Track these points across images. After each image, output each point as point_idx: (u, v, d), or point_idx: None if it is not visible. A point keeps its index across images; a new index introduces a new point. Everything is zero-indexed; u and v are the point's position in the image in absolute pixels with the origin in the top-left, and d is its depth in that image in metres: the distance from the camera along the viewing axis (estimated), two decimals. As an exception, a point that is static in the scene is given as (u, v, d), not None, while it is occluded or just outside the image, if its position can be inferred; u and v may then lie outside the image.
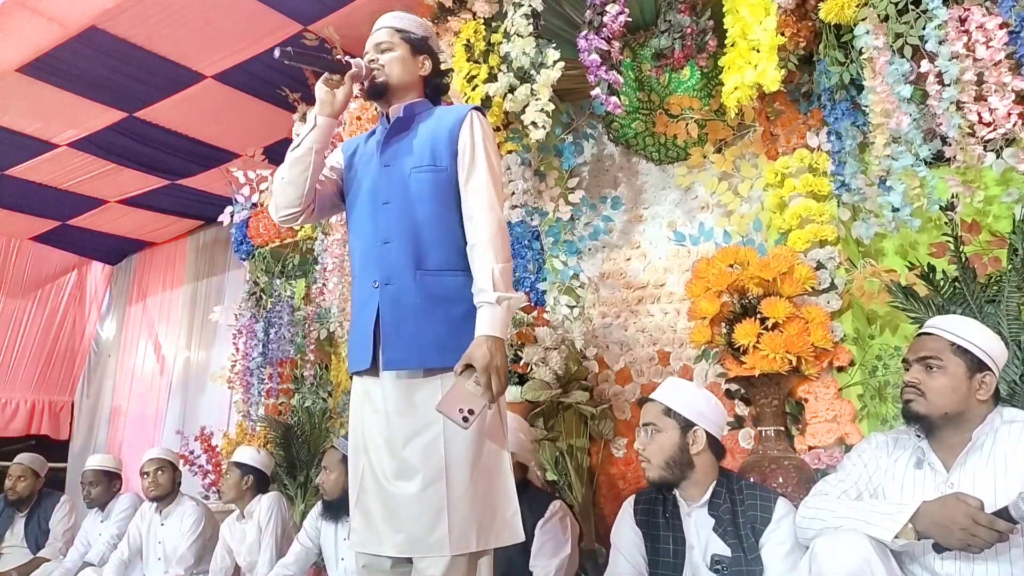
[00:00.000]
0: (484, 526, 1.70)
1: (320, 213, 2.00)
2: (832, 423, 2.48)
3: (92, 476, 3.95)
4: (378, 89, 1.91)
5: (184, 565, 3.43)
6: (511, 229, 3.29)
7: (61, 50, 3.55)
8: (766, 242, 2.87)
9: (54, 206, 5.39)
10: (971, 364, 1.72)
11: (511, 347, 2.95)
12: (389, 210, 1.84)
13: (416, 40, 1.94)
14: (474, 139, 1.83)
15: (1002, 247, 2.30)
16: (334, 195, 2.02)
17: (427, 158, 1.84)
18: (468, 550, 1.67)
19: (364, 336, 1.81)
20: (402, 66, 1.91)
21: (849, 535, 1.62)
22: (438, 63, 2.00)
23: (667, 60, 2.70)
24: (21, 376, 6.43)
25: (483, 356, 1.62)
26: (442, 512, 1.66)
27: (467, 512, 1.68)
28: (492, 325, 1.67)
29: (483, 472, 1.72)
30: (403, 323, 1.77)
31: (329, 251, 3.70)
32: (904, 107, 2.27)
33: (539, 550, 2.37)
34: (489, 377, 1.62)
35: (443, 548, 1.65)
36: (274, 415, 3.99)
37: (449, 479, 1.68)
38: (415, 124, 1.90)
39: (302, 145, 1.87)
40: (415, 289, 1.78)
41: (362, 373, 1.85)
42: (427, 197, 1.82)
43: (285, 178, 1.90)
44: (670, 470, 2.02)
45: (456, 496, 1.68)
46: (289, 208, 1.92)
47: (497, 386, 1.63)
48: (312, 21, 3.47)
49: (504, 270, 1.72)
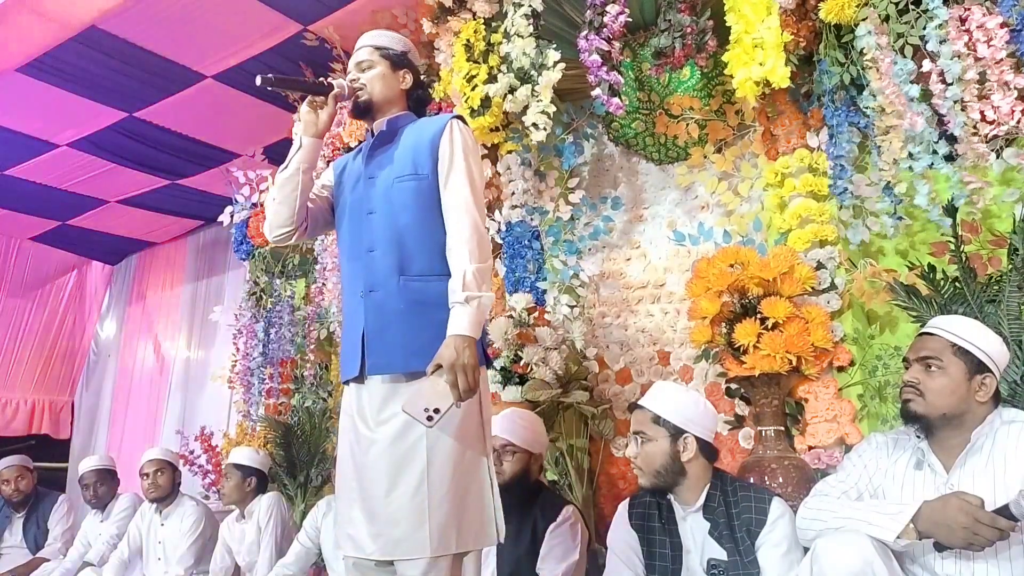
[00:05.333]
0: (464, 528, 1.71)
1: (313, 231, 2.06)
2: (832, 423, 2.48)
3: (95, 476, 3.95)
4: (362, 107, 1.97)
5: (184, 565, 3.43)
6: (511, 229, 3.29)
7: (61, 50, 3.55)
8: (766, 242, 2.87)
9: (54, 206, 5.39)
10: (971, 365, 1.72)
11: (511, 347, 2.95)
12: (373, 220, 1.88)
13: (395, 55, 1.99)
14: (453, 145, 1.86)
15: (1002, 247, 2.30)
16: (327, 212, 2.07)
17: (409, 167, 1.88)
18: (448, 552, 1.68)
19: (353, 345, 1.85)
20: (383, 82, 1.96)
21: (850, 536, 1.62)
22: (419, 76, 2.06)
23: (667, 59, 2.70)
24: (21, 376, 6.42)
25: (450, 355, 1.64)
26: (423, 514, 1.68)
27: (447, 514, 1.69)
28: (461, 324, 1.68)
29: (463, 475, 1.74)
30: (387, 329, 1.80)
31: (328, 251, 3.71)
32: (914, 106, 2.27)
33: (548, 553, 2.37)
34: (456, 376, 1.62)
35: (424, 550, 1.66)
36: (274, 415, 3.99)
37: (430, 482, 1.69)
38: (398, 136, 1.95)
39: (289, 166, 1.94)
40: (399, 295, 1.81)
41: (351, 381, 1.87)
42: (410, 205, 1.85)
43: (276, 199, 1.96)
44: (662, 477, 2.01)
45: (437, 498, 1.69)
46: (282, 228, 1.97)
47: (464, 384, 1.63)
48: (312, 21, 3.47)
49: (479, 271, 1.74)
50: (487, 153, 3.27)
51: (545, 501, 2.50)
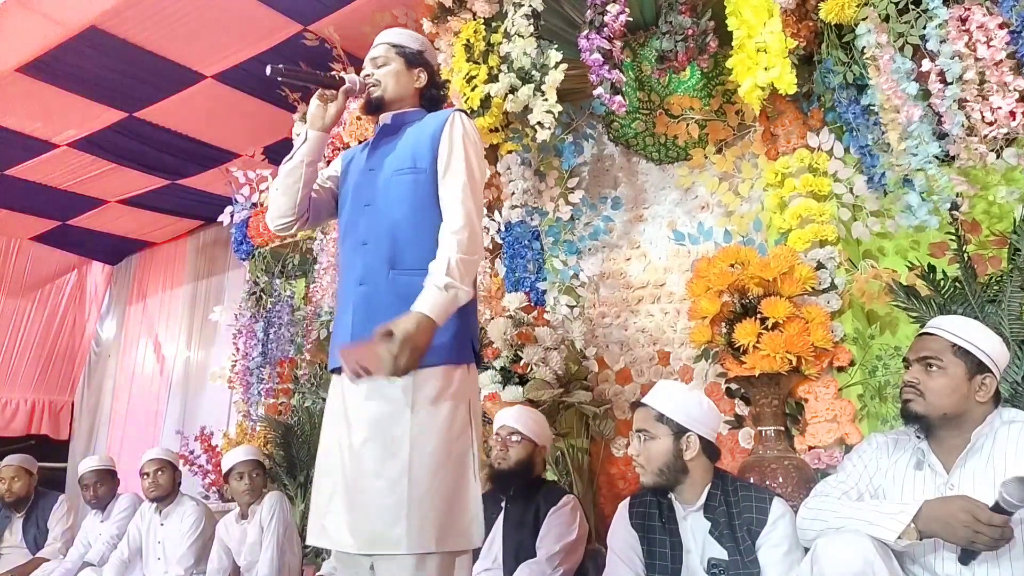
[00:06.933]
0: (445, 527, 1.68)
1: (315, 221, 2.06)
2: (832, 423, 2.48)
3: (95, 476, 3.94)
4: (374, 103, 1.95)
5: (184, 565, 3.43)
6: (511, 229, 3.29)
7: (61, 50, 3.55)
8: (766, 242, 2.87)
9: (54, 206, 5.39)
10: (971, 365, 1.72)
11: (511, 347, 2.95)
12: (369, 212, 1.88)
13: (411, 54, 1.97)
14: (453, 138, 1.85)
15: (1003, 247, 2.30)
16: (330, 202, 2.07)
17: (408, 160, 1.87)
18: (426, 550, 1.65)
19: (341, 336, 1.84)
20: (396, 79, 1.95)
21: (851, 536, 1.62)
22: (435, 75, 2.04)
23: (669, 63, 2.70)
24: (21, 376, 6.43)
25: (405, 329, 1.58)
26: (401, 509, 1.65)
27: (427, 512, 1.67)
28: (430, 306, 1.63)
29: (447, 473, 1.71)
30: (374, 322, 1.74)
31: (326, 250, 3.71)
32: (912, 102, 2.27)
33: (546, 533, 2.41)
34: (401, 352, 1.57)
35: (400, 546, 1.64)
36: (274, 415, 3.99)
37: (411, 477, 1.67)
38: (403, 130, 1.94)
39: (294, 158, 1.95)
40: (387, 289, 1.79)
41: (338, 371, 1.86)
42: (405, 199, 1.84)
43: (278, 188, 1.97)
44: (664, 476, 2.01)
45: (417, 494, 1.66)
46: (283, 217, 1.98)
47: (405, 362, 1.58)
48: (312, 21, 3.47)
49: (464, 261, 1.70)
50: (487, 153, 3.27)
51: (548, 491, 2.54)
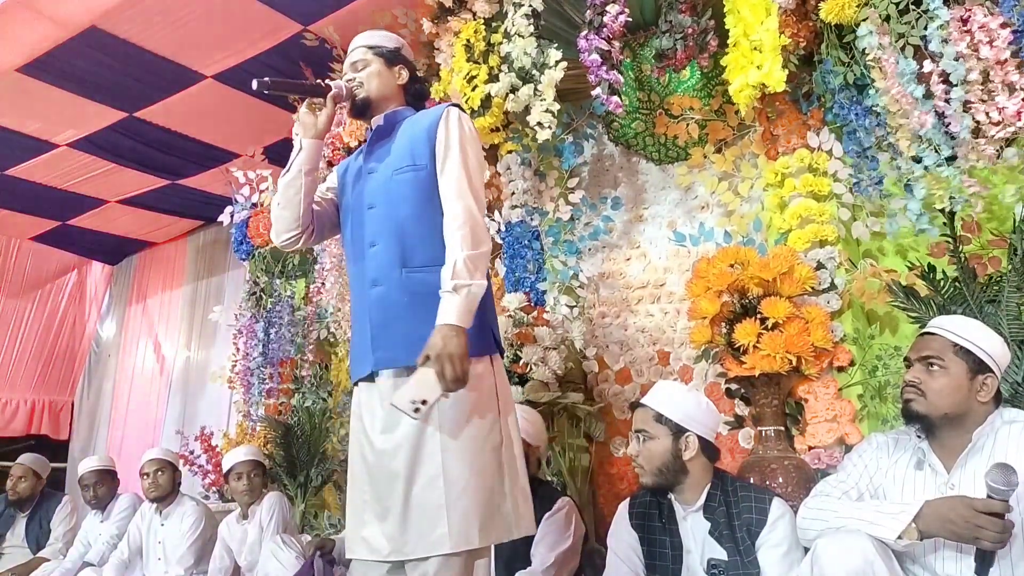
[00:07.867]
0: (486, 521, 1.69)
1: (320, 235, 2.06)
2: (832, 423, 2.48)
3: (95, 477, 3.93)
4: (360, 106, 1.97)
5: (184, 565, 3.42)
6: (511, 229, 3.29)
7: (61, 50, 3.55)
8: (766, 242, 2.87)
9: (54, 206, 5.39)
10: (972, 365, 1.72)
11: (511, 347, 2.95)
12: (374, 214, 1.88)
13: (388, 52, 1.99)
14: (449, 133, 1.86)
15: (1002, 247, 2.30)
16: (333, 215, 2.07)
17: (407, 159, 1.87)
18: (470, 546, 1.66)
19: (361, 343, 1.85)
20: (379, 79, 1.96)
21: (851, 536, 1.61)
22: (414, 70, 2.06)
23: (669, 61, 2.70)
24: (21, 376, 6.42)
25: (435, 345, 1.62)
26: (441, 510, 1.66)
27: (467, 508, 1.67)
28: (448, 313, 1.66)
29: (484, 467, 1.71)
30: (392, 322, 1.79)
31: (328, 251, 3.71)
32: (922, 106, 2.26)
33: (540, 540, 2.39)
34: (442, 365, 1.60)
35: (443, 546, 1.64)
36: (274, 415, 3.99)
37: (446, 476, 1.68)
38: (396, 129, 1.95)
39: (291, 169, 1.95)
40: (401, 288, 1.80)
41: (361, 381, 1.86)
42: (409, 197, 1.85)
43: (280, 203, 1.96)
44: (663, 476, 2.01)
45: (455, 493, 1.67)
46: (288, 232, 1.98)
47: (451, 374, 1.60)
48: (312, 21, 3.47)
49: (470, 258, 1.71)
50: (487, 153, 3.27)
51: (543, 494, 2.51)
